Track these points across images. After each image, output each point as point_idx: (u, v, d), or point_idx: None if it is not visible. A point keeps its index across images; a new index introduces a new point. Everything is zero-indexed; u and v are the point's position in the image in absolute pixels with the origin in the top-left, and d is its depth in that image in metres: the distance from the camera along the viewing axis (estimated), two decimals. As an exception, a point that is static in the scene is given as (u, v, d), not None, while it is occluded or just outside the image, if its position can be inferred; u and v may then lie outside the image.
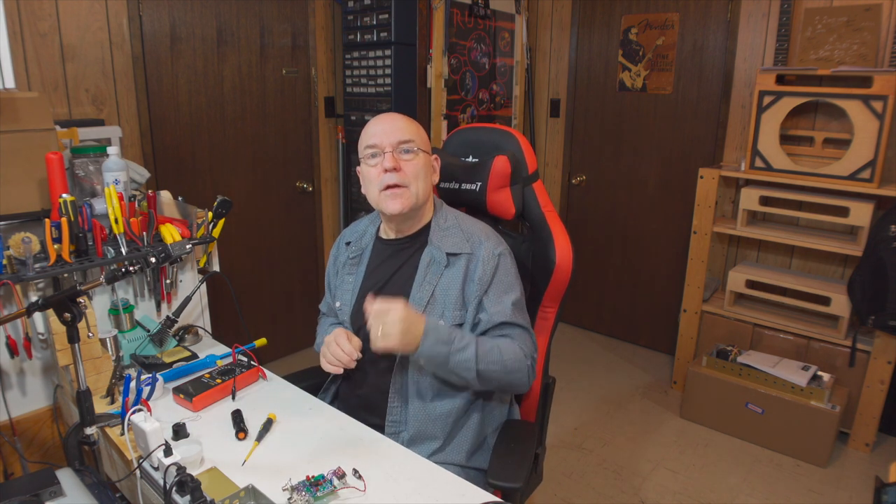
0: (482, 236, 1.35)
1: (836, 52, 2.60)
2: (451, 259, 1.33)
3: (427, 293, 1.31)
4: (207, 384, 1.35)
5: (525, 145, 1.52)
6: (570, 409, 2.91)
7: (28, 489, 1.11)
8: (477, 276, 1.30)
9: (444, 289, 1.31)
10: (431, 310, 1.30)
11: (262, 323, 3.16)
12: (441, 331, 1.21)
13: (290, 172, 3.17)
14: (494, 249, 1.33)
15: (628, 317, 3.65)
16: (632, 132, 3.42)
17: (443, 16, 3.06)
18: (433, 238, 1.36)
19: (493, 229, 1.42)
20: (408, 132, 1.33)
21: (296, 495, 1.00)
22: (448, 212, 1.42)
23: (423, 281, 1.32)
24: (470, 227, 1.37)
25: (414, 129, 1.35)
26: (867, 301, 2.41)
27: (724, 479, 2.40)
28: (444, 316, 1.29)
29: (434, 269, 1.32)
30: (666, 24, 3.18)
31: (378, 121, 1.35)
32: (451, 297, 1.30)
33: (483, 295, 1.30)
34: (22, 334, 1.41)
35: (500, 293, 1.31)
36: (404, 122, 1.35)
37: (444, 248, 1.33)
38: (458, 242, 1.34)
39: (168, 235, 1.57)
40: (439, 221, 1.39)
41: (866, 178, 2.42)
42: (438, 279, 1.32)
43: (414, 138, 1.33)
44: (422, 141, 1.36)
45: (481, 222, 1.42)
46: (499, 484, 1.20)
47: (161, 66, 2.58)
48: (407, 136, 1.32)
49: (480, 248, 1.33)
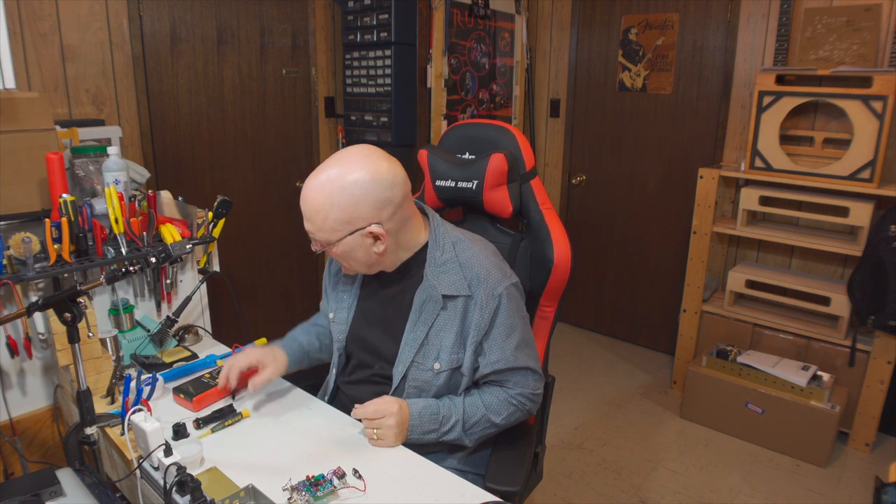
0: (482, 273, 1.23)
1: (836, 52, 2.60)
2: (447, 301, 1.24)
3: (421, 335, 1.25)
4: (207, 384, 1.35)
5: (522, 142, 1.50)
6: (570, 408, 2.91)
7: (28, 489, 1.11)
8: (474, 322, 1.22)
9: (438, 331, 1.25)
10: (426, 352, 1.25)
11: (262, 323, 3.16)
12: (426, 422, 1.22)
13: (290, 172, 3.17)
14: (494, 290, 1.23)
15: (628, 317, 3.65)
16: (632, 132, 3.42)
17: (443, 16, 3.06)
18: (429, 275, 1.25)
19: (495, 257, 1.29)
20: (313, 229, 1.18)
21: (296, 495, 1.00)
22: (446, 239, 1.28)
23: (418, 321, 1.26)
24: (469, 261, 1.25)
25: (318, 224, 1.16)
26: (867, 301, 2.41)
27: (724, 479, 2.40)
28: (439, 358, 1.24)
29: (429, 310, 1.25)
30: (666, 24, 3.18)
31: (303, 191, 1.18)
32: (448, 340, 1.24)
33: (483, 339, 1.24)
34: (22, 334, 1.41)
35: (502, 338, 1.24)
36: (312, 214, 1.17)
37: (441, 289, 1.23)
38: (456, 282, 1.23)
39: (168, 235, 1.57)
40: (435, 255, 1.26)
41: (866, 178, 2.42)
42: (434, 320, 1.24)
43: (318, 237, 1.18)
44: (330, 232, 1.17)
45: (484, 248, 1.30)
46: (497, 488, 1.20)
47: (161, 66, 2.58)
48: (312, 233, 1.19)
49: (479, 289, 1.22)
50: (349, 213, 1.16)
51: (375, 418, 1.18)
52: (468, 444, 1.28)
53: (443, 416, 1.23)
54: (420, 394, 1.27)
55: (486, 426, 1.27)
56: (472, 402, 1.27)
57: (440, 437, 1.24)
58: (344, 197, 1.14)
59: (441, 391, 1.28)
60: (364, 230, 1.18)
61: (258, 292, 3.15)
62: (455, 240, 1.29)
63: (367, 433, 1.20)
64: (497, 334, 1.24)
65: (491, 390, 1.30)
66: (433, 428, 1.23)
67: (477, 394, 1.29)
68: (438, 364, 1.25)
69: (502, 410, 1.28)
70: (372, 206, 1.16)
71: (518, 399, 1.30)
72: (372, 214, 1.17)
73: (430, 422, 1.22)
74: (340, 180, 1.15)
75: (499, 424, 1.28)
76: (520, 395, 1.30)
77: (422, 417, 1.22)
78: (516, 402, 1.29)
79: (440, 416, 1.23)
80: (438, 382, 1.26)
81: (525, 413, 1.33)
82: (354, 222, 1.17)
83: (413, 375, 1.27)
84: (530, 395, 1.32)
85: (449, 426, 1.24)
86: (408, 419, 1.21)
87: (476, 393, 1.30)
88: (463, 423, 1.25)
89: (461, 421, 1.25)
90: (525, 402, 1.31)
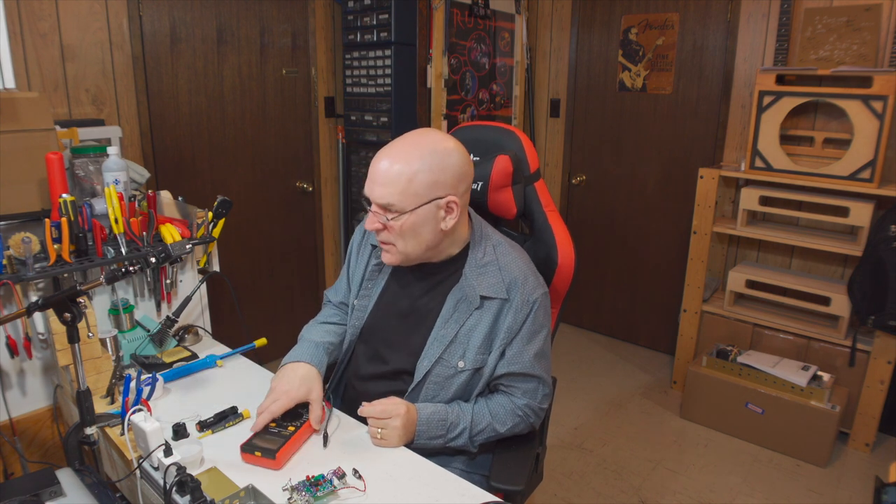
0: (520, 278, 1.24)
1: (836, 52, 2.60)
2: (484, 301, 1.24)
3: (451, 332, 1.25)
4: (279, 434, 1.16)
5: (527, 144, 1.50)
6: (570, 409, 2.91)
7: (28, 489, 1.11)
8: (507, 325, 1.23)
9: (468, 331, 1.25)
10: (453, 350, 1.25)
11: (262, 323, 3.16)
12: (433, 427, 1.22)
13: (290, 172, 3.17)
14: (531, 296, 1.24)
15: (628, 317, 3.65)
16: (632, 132, 3.42)
17: (443, 16, 3.06)
18: (468, 274, 1.25)
19: (531, 265, 1.31)
20: (392, 193, 1.15)
21: (296, 495, 1.00)
22: (488, 242, 1.29)
23: (450, 319, 1.26)
24: (509, 265, 1.26)
25: (401, 187, 1.14)
26: (867, 301, 2.41)
27: (724, 479, 2.40)
28: (465, 357, 1.25)
29: (463, 309, 1.25)
30: (666, 24, 3.18)
31: (376, 161, 1.17)
32: (476, 340, 1.24)
33: (507, 344, 1.25)
34: (22, 334, 1.41)
35: (525, 343, 1.25)
36: (394, 176, 1.14)
37: (480, 290, 1.23)
38: (495, 285, 1.24)
39: (168, 235, 1.57)
40: (477, 255, 1.27)
41: (866, 178, 2.42)
42: (466, 319, 1.25)
43: (395, 202, 1.15)
44: (411, 198, 1.15)
45: (521, 254, 1.30)
46: (502, 487, 1.21)
47: (161, 66, 2.58)
48: (387, 200, 1.16)
49: (516, 293, 1.23)
50: (436, 177, 1.16)
51: (382, 418, 1.18)
52: (472, 449, 1.29)
53: (451, 423, 1.24)
54: (439, 391, 1.27)
55: (489, 434, 1.28)
56: (480, 411, 1.27)
57: (447, 443, 1.25)
58: (435, 160, 1.15)
59: (459, 391, 1.28)
60: (443, 199, 1.18)
61: (258, 292, 3.15)
62: (496, 243, 1.31)
63: (371, 431, 1.20)
64: (521, 337, 1.25)
65: (498, 399, 1.30)
66: (440, 434, 1.23)
67: (484, 402, 1.30)
68: (463, 363, 1.25)
69: (507, 421, 1.29)
70: (456, 175, 1.18)
71: (524, 411, 1.30)
72: (453, 184, 1.18)
73: (437, 427, 1.22)
74: (433, 145, 1.17)
75: (501, 433, 1.29)
76: (526, 406, 1.30)
77: (430, 423, 1.22)
78: (521, 414, 1.30)
79: (448, 422, 1.23)
80: (459, 381, 1.26)
81: (528, 426, 1.33)
82: (437, 189, 1.17)
83: (436, 372, 1.26)
84: (537, 408, 1.32)
85: (456, 433, 1.24)
86: (415, 422, 1.21)
87: (483, 401, 1.30)
88: (470, 430, 1.25)
89: (468, 428, 1.25)
90: (529, 415, 1.31)
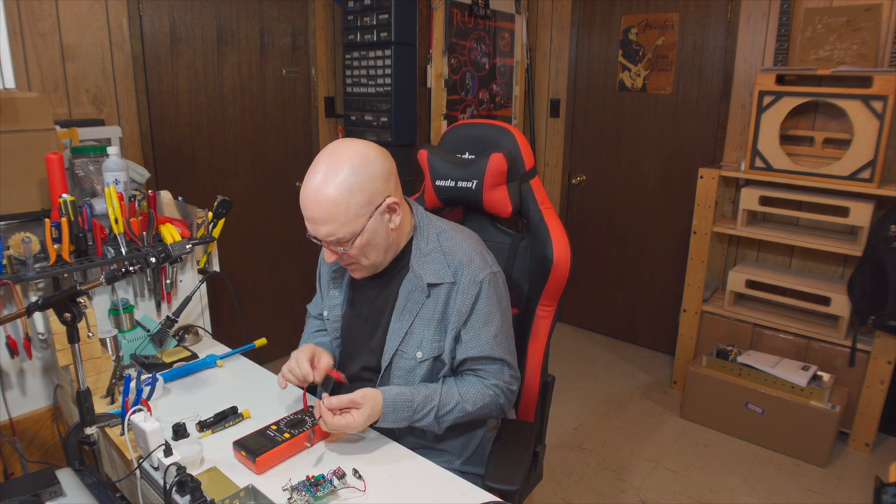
0: (465, 260, 1.25)
1: (836, 52, 2.60)
2: (432, 289, 1.26)
3: (406, 324, 1.27)
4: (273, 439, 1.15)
5: (522, 141, 1.50)
6: (570, 408, 2.91)
7: (28, 489, 1.11)
8: (456, 308, 1.24)
9: (423, 319, 1.27)
10: (409, 340, 1.27)
11: (262, 323, 3.16)
12: (400, 408, 1.21)
13: (290, 172, 3.17)
14: (476, 276, 1.24)
15: (628, 317, 3.65)
16: (632, 132, 3.42)
17: (443, 16, 3.06)
18: (414, 264, 1.27)
19: (479, 246, 1.32)
20: (336, 227, 1.15)
21: (296, 495, 1.00)
22: (429, 229, 1.30)
23: (403, 310, 1.28)
24: (453, 249, 1.27)
25: (342, 217, 1.14)
26: (867, 301, 2.41)
27: (724, 479, 2.40)
28: (421, 346, 1.26)
29: (414, 299, 1.27)
30: (666, 24, 3.18)
31: (306, 199, 1.15)
32: (431, 328, 1.26)
33: (462, 327, 1.25)
34: (22, 334, 1.41)
35: (480, 326, 1.25)
36: (331, 210, 1.13)
37: (425, 278, 1.25)
38: (440, 270, 1.25)
39: (168, 235, 1.57)
40: (420, 244, 1.28)
41: (866, 178, 2.42)
42: (419, 309, 1.26)
43: (343, 233, 1.15)
44: (354, 221, 1.15)
45: (467, 238, 1.31)
46: (496, 486, 1.20)
47: (161, 66, 2.58)
48: (336, 235, 1.15)
49: (462, 275, 1.24)
50: (368, 192, 1.16)
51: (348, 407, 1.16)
52: (438, 431, 1.26)
53: (417, 404, 1.23)
54: (405, 384, 1.28)
55: (458, 414, 1.26)
56: (448, 391, 1.26)
57: (412, 423, 1.23)
58: (360, 175, 1.15)
59: (424, 380, 1.28)
60: (382, 205, 1.19)
61: (258, 292, 3.15)
62: (439, 230, 1.31)
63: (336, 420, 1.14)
64: (475, 321, 1.25)
65: (468, 379, 1.30)
66: (406, 416, 1.22)
67: (453, 381, 1.29)
68: (421, 353, 1.27)
69: (477, 400, 1.27)
70: (383, 177, 1.19)
71: (493, 390, 1.29)
72: (383, 187, 1.19)
73: (404, 409, 1.22)
74: (350, 161, 1.15)
75: (471, 413, 1.27)
76: (495, 385, 1.29)
77: (395, 405, 1.21)
78: (492, 393, 1.29)
79: (414, 403, 1.23)
80: (422, 371, 1.27)
81: (497, 408, 1.31)
82: (373, 200, 1.17)
83: (398, 365, 1.28)
84: (505, 388, 1.31)
85: (423, 413, 1.23)
86: (378, 403, 1.19)
87: (452, 381, 1.30)
88: (437, 410, 1.24)
89: (436, 407, 1.24)
90: (499, 395, 1.30)
